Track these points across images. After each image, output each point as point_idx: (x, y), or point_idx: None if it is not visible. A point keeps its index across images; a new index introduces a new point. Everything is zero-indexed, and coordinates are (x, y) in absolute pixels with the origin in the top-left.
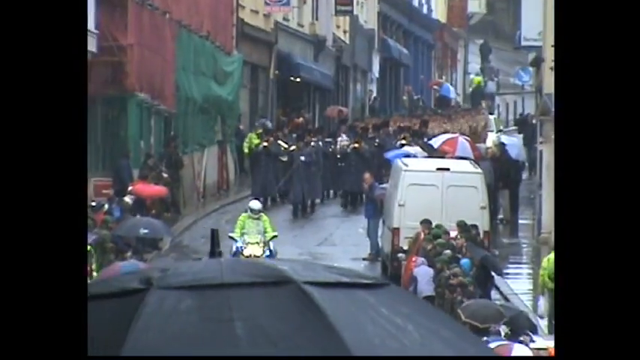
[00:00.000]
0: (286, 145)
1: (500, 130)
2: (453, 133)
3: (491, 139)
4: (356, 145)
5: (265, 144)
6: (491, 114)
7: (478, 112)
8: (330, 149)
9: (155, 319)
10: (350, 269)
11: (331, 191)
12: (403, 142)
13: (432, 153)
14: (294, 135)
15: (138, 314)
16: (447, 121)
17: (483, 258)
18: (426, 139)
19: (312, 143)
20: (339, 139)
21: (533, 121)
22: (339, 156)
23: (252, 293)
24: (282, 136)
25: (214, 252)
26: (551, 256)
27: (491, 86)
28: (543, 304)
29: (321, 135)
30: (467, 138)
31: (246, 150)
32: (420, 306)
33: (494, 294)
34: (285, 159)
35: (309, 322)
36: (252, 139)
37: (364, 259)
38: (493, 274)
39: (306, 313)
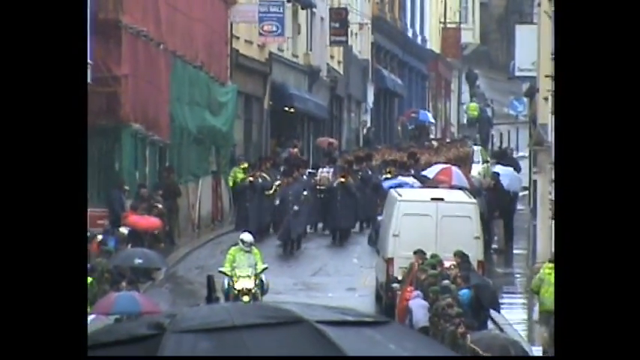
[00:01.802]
0: (269, 179)
1: (486, 161)
2: (444, 163)
3: (477, 170)
4: (342, 179)
5: (251, 179)
6: (477, 145)
7: (464, 144)
8: (313, 181)
9: None
10: (348, 308)
11: (319, 225)
12: (388, 175)
13: (428, 183)
14: (282, 168)
15: (158, 358)
16: (433, 152)
17: (475, 286)
18: (412, 171)
19: (303, 176)
20: (320, 170)
21: (513, 155)
22: (322, 187)
23: (267, 333)
24: (265, 170)
25: (211, 298)
26: (547, 264)
27: (488, 112)
28: (537, 310)
29: (305, 168)
30: (458, 168)
31: (230, 184)
32: (422, 341)
33: (488, 324)
34: (270, 192)
35: (327, 358)
36: (237, 174)
37: None
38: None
39: (324, 350)
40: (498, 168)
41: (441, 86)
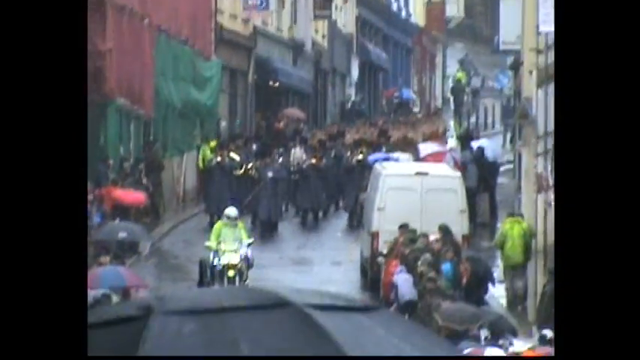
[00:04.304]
0: (239, 159)
1: (459, 137)
2: (439, 145)
3: (451, 143)
4: (313, 161)
5: (219, 159)
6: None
7: (438, 117)
8: (285, 160)
9: (160, 343)
10: (338, 294)
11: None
12: (360, 157)
13: (417, 160)
14: (254, 146)
15: (143, 338)
16: (409, 127)
17: (470, 259)
18: (383, 149)
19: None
20: (293, 151)
21: (479, 136)
22: (293, 168)
23: (254, 316)
24: (235, 149)
25: (203, 282)
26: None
27: (476, 81)
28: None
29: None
30: (455, 155)
31: (200, 164)
32: (411, 327)
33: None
34: (240, 172)
35: (313, 342)
36: (205, 152)
37: None
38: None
39: (310, 333)
40: (482, 141)
41: (426, 60)
